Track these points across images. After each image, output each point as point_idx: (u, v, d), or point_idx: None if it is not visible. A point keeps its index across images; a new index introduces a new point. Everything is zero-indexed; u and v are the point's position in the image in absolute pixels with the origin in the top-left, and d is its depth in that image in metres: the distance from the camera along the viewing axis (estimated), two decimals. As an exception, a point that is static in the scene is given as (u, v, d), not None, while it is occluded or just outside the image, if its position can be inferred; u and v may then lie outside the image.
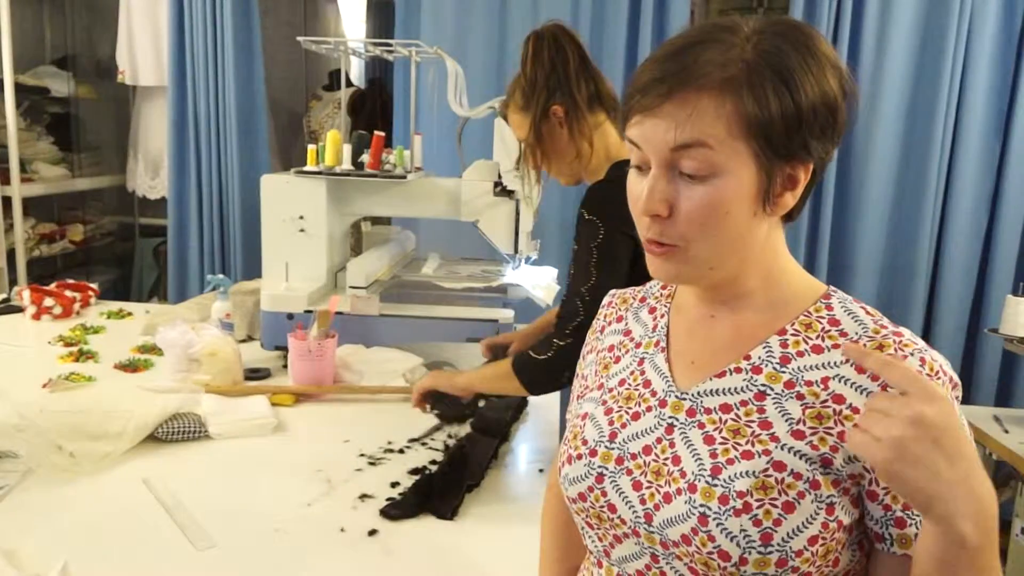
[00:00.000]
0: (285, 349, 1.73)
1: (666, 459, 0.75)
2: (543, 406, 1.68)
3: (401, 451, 1.41)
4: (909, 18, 2.46)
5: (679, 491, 0.72)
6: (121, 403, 1.43)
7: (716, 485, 0.71)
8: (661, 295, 0.89)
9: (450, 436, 1.48)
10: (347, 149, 1.86)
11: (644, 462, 0.76)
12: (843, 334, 0.74)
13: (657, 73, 0.71)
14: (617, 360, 0.86)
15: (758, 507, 0.69)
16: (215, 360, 1.63)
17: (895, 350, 0.70)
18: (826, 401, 0.71)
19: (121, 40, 3.01)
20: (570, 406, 0.94)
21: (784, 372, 0.74)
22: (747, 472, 0.70)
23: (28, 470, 1.25)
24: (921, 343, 0.72)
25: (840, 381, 0.71)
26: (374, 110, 3.54)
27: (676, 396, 0.78)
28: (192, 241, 2.89)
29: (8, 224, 2.93)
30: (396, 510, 1.18)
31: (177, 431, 1.40)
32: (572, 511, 0.82)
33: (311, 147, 1.88)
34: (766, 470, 0.70)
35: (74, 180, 3.33)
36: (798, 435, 0.71)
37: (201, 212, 2.86)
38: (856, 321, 0.75)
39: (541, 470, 1.37)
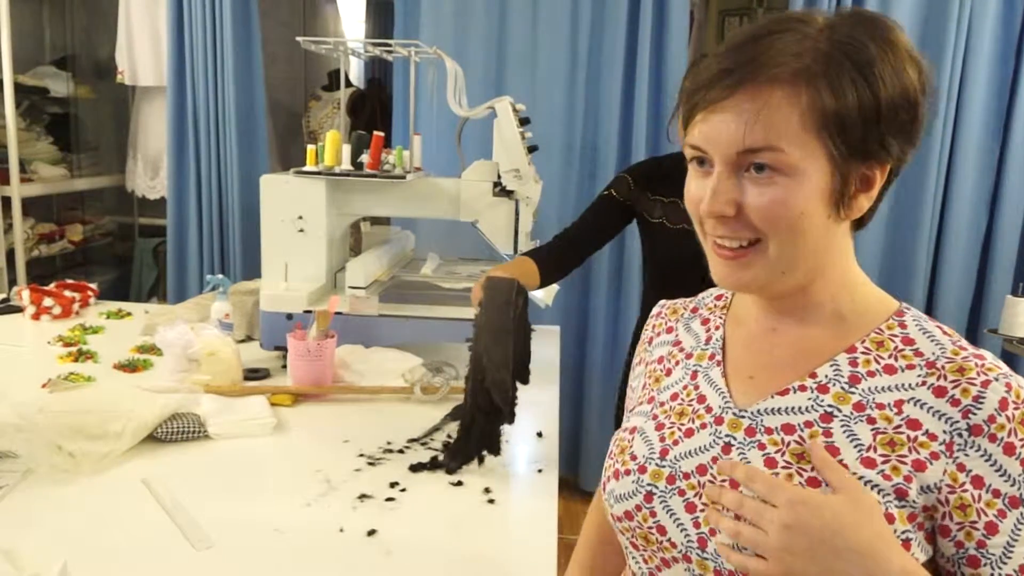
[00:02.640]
0: (284, 349, 1.73)
1: (723, 481, 0.69)
2: (540, 403, 1.68)
3: (401, 451, 1.41)
4: (908, 18, 2.46)
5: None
6: (120, 403, 1.43)
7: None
8: (715, 306, 0.84)
9: (448, 436, 1.48)
10: (346, 149, 1.86)
11: (698, 483, 0.71)
12: (918, 354, 0.69)
13: (725, 64, 0.66)
14: (668, 372, 0.82)
15: None
16: (214, 360, 1.63)
17: (977, 374, 0.65)
18: (899, 427, 0.66)
19: (120, 40, 3.01)
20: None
21: (853, 393, 0.69)
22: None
23: (27, 470, 1.25)
24: (1005, 367, 0.67)
25: (915, 405, 0.66)
26: (373, 110, 3.55)
27: (734, 413, 0.73)
28: (191, 241, 2.89)
29: (7, 224, 2.93)
30: (454, 461, 1.23)
31: (176, 431, 1.40)
32: (616, 529, 0.77)
33: (310, 147, 1.88)
34: None
35: (73, 180, 3.33)
36: (868, 463, 0.65)
37: (200, 212, 2.86)
38: (933, 341, 0.69)
39: (540, 470, 1.37)
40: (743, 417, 0.72)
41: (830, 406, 0.69)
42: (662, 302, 0.92)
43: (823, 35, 0.65)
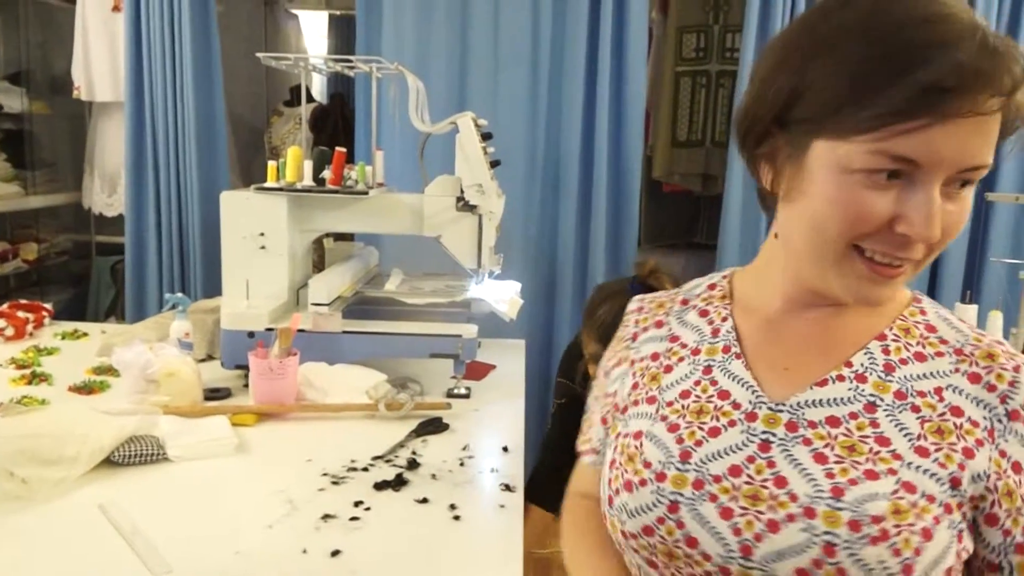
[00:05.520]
0: (246, 368, 1.70)
1: (764, 480, 0.65)
2: (506, 417, 1.68)
3: (365, 469, 1.40)
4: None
5: (791, 517, 0.63)
6: (76, 426, 1.40)
7: (842, 509, 0.61)
8: (711, 296, 0.79)
9: (414, 453, 1.48)
10: (308, 165, 1.85)
11: (733, 485, 0.66)
12: (943, 341, 0.68)
13: (967, 69, 0.56)
14: (668, 369, 0.76)
15: (896, 534, 0.60)
16: (173, 380, 1.61)
17: (1006, 359, 0.66)
18: (944, 414, 0.65)
19: (77, 55, 2.96)
20: (586, 432, 0.84)
21: (891, 381, 0.67)
22: (876, 494, 0.61)
23: (-22, 498, 1.21)
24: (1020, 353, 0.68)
25: (954, 392, 0.66)
26: (336, 125, 3.53)
27: (769, 408, 0.69)
28: (150, 259, 2.84)
29: (-42, 243, 2.85)
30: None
31: (134, 454, 1.37)
32: (626, 547, 0.71)
33: (271, 163, 1.87)
34: (896, 491, 0.62)
35: (27, 198, 3.26)
36: (922, 452, 0.64)
37: (160, 229, 2.81)
38: (953, 328, 0.69)
39: (506, 486, 1.37)
40: (781, 411, 0.68)
41: (872, 395, 0.67)
42: (640, 297, 0.85)
43: (1001, 41, 0.59)
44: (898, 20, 0.59)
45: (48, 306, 2.30)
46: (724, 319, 0.76)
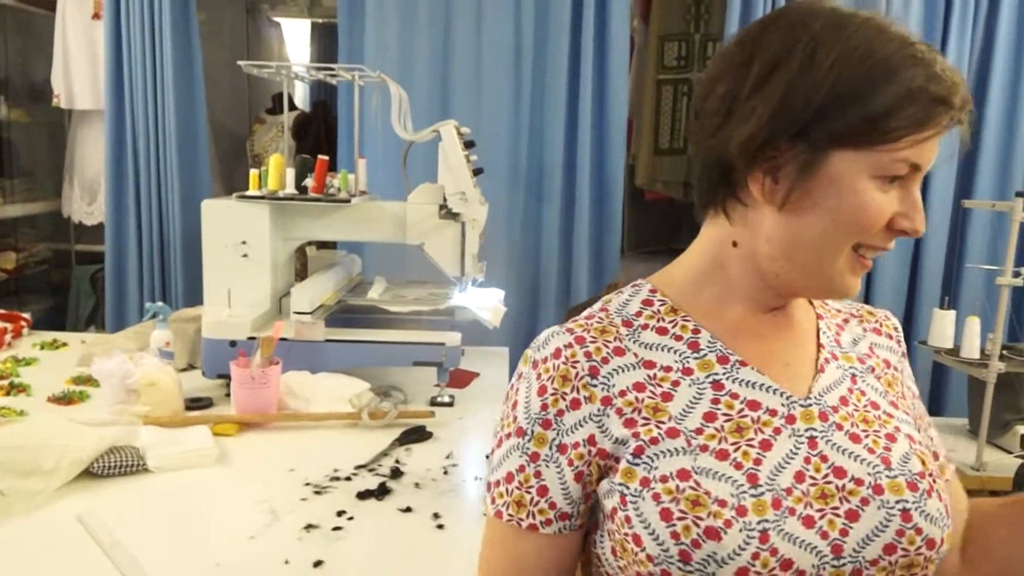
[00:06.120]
0: (228, 377, 1.69)
1: (826, 476, 0.66)
2: (489, 425, 1.68)
3: (348, 478, 1.40)
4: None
5: (865, 501, 0.66)
6: (54, 438, 1.38)
7: (897, 476, 0.67)
8: (655, 312, 0.74)
9: (397, 461, 1.47)
10: (290, 173, 1.84)
11: (803, 492, 0.65)
12: (838, 311, 0.81)
13: (961, 87, 0.66)
14: (668, 397, 0.70)
15: (933, 482, 0.69)
16: (154, 390, 1.59)
17: (878, 311, 0.82)
18: (885, 368, 0.77)
19: (56, 63, 2.94)
20: (539, 501, 0.68)
21: (848, 352, 0.77)
22: (906, 454, 0.69)
23: (-47, 511, 1.20)
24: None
25: (877, 347, 0.79)
26: (319, 133, 3.52)
27: (801, 406, 0.70)
28: (131, 268, 2.81)
29: (-65, 253, 2.82)
30: None
31: (114, 465, 1.36)
32: None
33: (253, 171, 1.86)
34: (911, 445, 0.71)
35: (6, 207, 3.22)
36: (894, 405, 0.74)
37: (140, 238, 2.79)
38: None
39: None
40: (810, 405, 0.71)
41: (850, 368, 0.75)
42: (568, 328, 0.74)
43: None
44: (898, 38, 0.65)
45: (27, 316, 2.27)
46: (695, 331, 0.73)
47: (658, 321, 0.74)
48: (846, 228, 0.67)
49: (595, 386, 0.70)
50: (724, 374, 0.71)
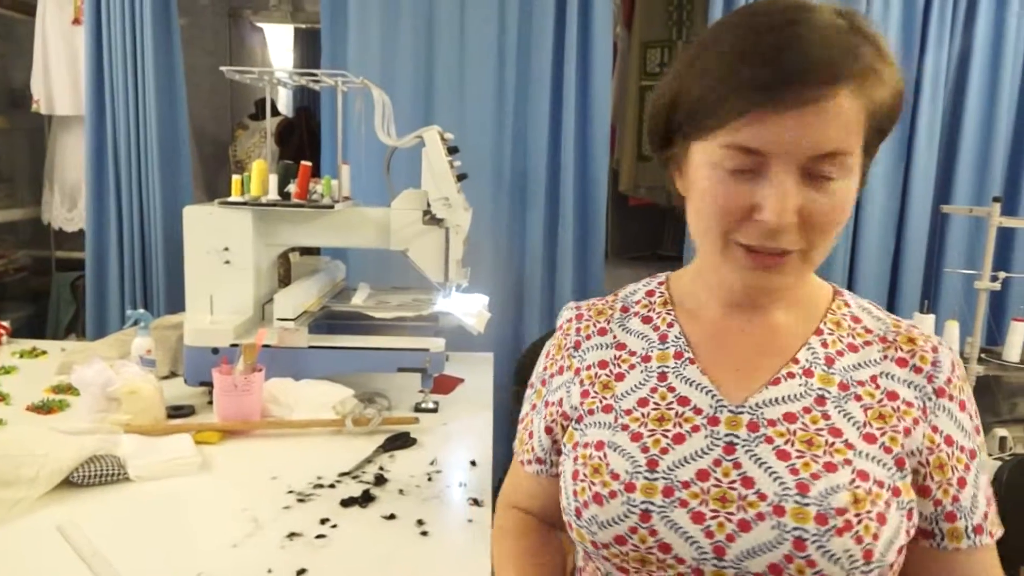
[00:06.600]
0: (210, 385, 1.68)
1: (732, 482, 0.67)
2: (474, 431, 1.68)
3: (332, 486, 1.39)
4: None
5: (760, 516, 0.65)
6: (34, 447, 1.36)
7: (808, 504, 0.64)
8: (651, 303, 0.80)
9: (381, 468, 1.47)
10: (273, 179, 1.83)
11: (702, 489, 0.68)
12: (868, 331, 0.73)
13: (780, 57, 0.61)
14: (620, 378, 0.76)
15: (858, 523, 0.63)
16: (135, 398, 1.58)
17: (924, 342, 0.72)
18: (882, 400, 0.69)
19: (36, 68, 2.91)
20: (525, 442, 0.84)
21: (833, 374, 0.71)
22: (838, 486, 0.64)
23: (-70, 522, 1.18)
24: (931, 333, 0.72)
25: (887, 377, 0.70)
26: (302, 139, 3.51)
27: (730, 411, 0.71)
28: (112, 275, 2.79)
29: (-89, 260, 2.78)
30: None
31: (94, 475, 1.34)
32: (595, 556, 0.72)
33: (236, 177, 1.85)
34: (853, 481, 0.65)
35: (-16, 213, 3.19)
36: (870, 439, 0.68)
37: (121, 245, 2.77)
38: (874, 317, 0.74)
39: (474, 500, 1.36)
40: (741, 413, 0.70)
41: (820, 388, 0.70)
42: (575, 304, 0.85)
43: (854, 31, 0.64)
44: (755, 27, 0.64)
45: (6, 323, 2.25)
46: (670, 325, 0.78)
47: (648, 311, 0.80)
48: (703, 218, 0.69)
49: (574, 357, 0.81)
50: (672, 368, 0.75)
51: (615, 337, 0.79)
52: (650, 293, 0.82)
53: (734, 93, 0.63)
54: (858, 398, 0.69)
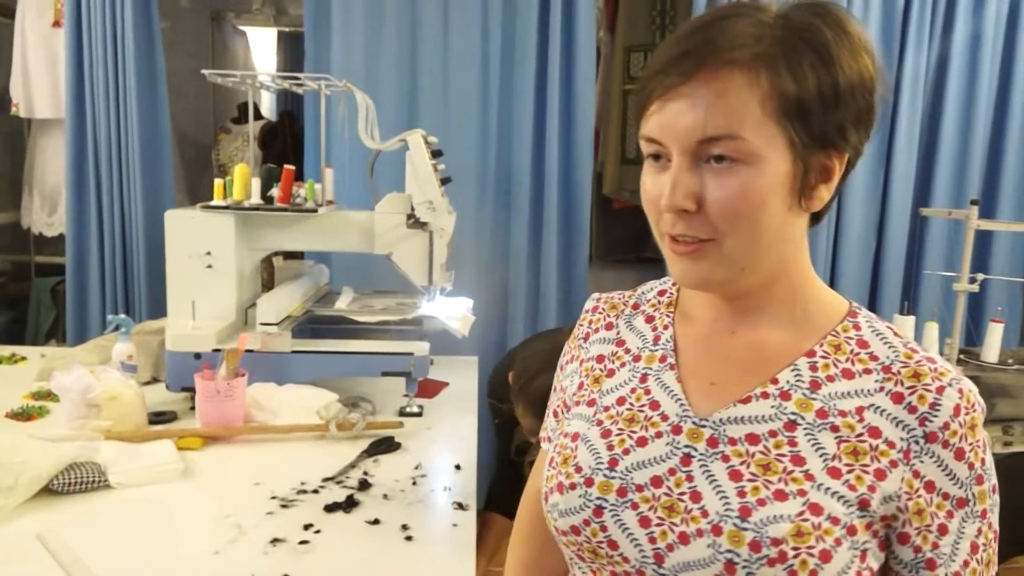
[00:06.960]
0: (192, 390, 1.67)
1: (681, 494, 0.67)
2: (459, 435, 1.67)
3: (315, 491, 1.38)
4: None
5: (699, 532, 0.64)
6: (12, 454, 1.35)
7: (746, 529, 0.63)
8: (659, 303, 0.80)
9: (365, 473, 1.46)
10: (256, 183, 1.83)
11: (653, 495, 0.67)
12: (873, 357, 0.68)
13: (680, 48, 0.63)
14: (611, 373, 0.77)
15: (794, 556, 0.61)
16: (116, 404, 1.56)
17: (932, 379, 0.65)
18: (862, 435, 0.65)
19: (15, 72, 2.88)
20: (545, 421, 0.86)
21: (815, 399, 0.67)
22: (781, 516, 0.63)
23: (-94, 532, 1.16)
24: (953, 371, 0.67)
25: (875, 412, 0.65)
26: (285, 143, 3.50)
27: (694, 422, 0.69)
28: (92, 280, 2.76)
29: None
30: None
31: (74, 482, 1.33)
32: (560, 541, 0.74)
33: (218, 181, 1.84)
34: (802, 513, 0.62)
35: (-38, 218, 3.15)
36: (834, 473, 0.64)
37: (102, 249, 2.74)
38: (885, 343, 0.68)
39: (459, 504, 1.36)
40: (704, 426, 0.69)
41: (793, 414, 0.67)
42: (597, 296, 0.86)
43: (779, 22, 0.63)
44: (692, 23, 0.66)
45: (-17, 329, 2.22)
46: (666, 327, 0.78)
47: (655, 310, 0.80)
48: (647, 211, 0.71)
49: (583, 348, 0.83)
50: (653, 371, 0.75)
51: (618, 333, 0.81)
52: (662, 293, 0.82)
53: (647, 84, 0.66)
54: (835, 428, 0.65)
